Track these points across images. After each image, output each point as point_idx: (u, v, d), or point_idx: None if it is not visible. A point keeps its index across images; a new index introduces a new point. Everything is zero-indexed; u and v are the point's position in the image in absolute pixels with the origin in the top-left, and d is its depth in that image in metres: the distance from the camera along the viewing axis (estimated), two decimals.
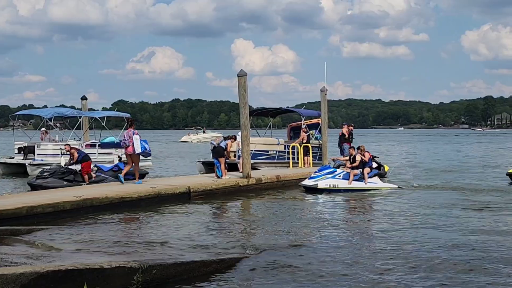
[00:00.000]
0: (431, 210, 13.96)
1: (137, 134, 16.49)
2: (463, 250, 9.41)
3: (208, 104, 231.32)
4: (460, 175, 24.20)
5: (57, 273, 6.41)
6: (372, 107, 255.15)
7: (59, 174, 16.87)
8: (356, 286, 7.49)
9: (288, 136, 26.77)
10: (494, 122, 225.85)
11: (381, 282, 7.64)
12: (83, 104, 30.12)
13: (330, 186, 17.61)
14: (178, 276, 7.58)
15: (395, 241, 10.25)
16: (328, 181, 17.68)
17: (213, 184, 16.90)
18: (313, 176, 17.94)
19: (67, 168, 17.34)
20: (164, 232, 11.06)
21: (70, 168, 17.40)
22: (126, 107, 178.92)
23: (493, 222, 12.24)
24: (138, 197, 14.52)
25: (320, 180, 17.65)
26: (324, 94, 24.06)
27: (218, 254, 8.98)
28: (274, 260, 8.68)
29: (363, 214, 14.02)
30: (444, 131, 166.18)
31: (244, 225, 12.29)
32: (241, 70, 18.32)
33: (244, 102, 18.32)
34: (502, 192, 17.56)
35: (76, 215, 12.56)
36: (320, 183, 17.59)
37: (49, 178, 16.67)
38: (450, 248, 9.60)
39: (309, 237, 10.82)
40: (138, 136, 16.46)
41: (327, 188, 17.54)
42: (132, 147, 16.34)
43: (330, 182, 17.68)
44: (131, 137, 16.32)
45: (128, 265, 7.11)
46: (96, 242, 9.82)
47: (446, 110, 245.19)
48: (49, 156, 24.22)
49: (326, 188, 17.54)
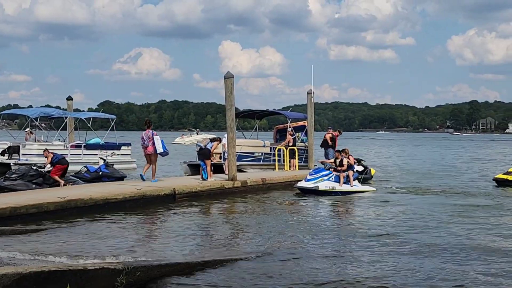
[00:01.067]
0: (408, 213, 14.13)
1: (157, 135, 17.31)
2: (445, 251, 9.51)
3: (194, 106, 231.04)
4: (438, 180, 24.42)
5: (40, 274, 6.38)
6: (358, 110, 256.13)
7: (28, 177, 16.29)
8: None
9: (274, 138, 26.80)
10: (479, 126, 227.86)
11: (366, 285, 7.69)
12: (68, 105, 29.99)
13: (329, 188, 17.66)
14: (162, 277, 7.57)
15: (378, 243, 10.32)
16: (326, 183, 17.72)
17: (198, 186, 16.88)
18: (310, 178, 17.86)
19: (36, 170, 16.84)
20: (148, 234, 11.05)
21: (40, 171, 16.98)
22: (112, 107, 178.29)
23: (473, 224, 12.37)
24: (123, 198, 14.46)
25: (319, 182, 17.64)
26: (310, 96, 24.14)
27: (202, 255, 8.99)
28: (258, 263, 8.70)
29: (345, 218, 14.10)
30: (423, 135, 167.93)
31: (229, 228, 12.31)
32: (227, 72, 18.31)
33: (231, 104, 18.32)
34: (480, 196, 17.94)
35: (60, 216, 12.47)
36: (320, 185, 17.58)
37: (17, 180, 16.05)
38: (430, 250, 9.69)
39: (293, 240, 10.82)
40: (158, 136, 17.28)
41: (327, 190, 17.57)
42: (152, 147, 17.13)
43: (328, 184, 17.72)
44: (151, 137, 17.14)
45: (111, 266, 7.08)
46: (80, 243, 9.79)
47: (431, 114, 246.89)
48: (34, 156, 24.08)
49: (326, 190, 17.55)
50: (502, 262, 8.98)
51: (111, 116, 30.28)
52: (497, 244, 10.44)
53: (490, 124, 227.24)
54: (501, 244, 10.46)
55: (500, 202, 16.46)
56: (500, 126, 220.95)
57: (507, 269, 8.55)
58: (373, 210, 14.88)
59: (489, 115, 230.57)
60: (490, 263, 8.92)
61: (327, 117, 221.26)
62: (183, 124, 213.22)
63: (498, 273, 8.29)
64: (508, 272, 8.39)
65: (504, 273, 8.33)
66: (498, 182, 20.52)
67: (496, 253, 9.58)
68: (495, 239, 10.91)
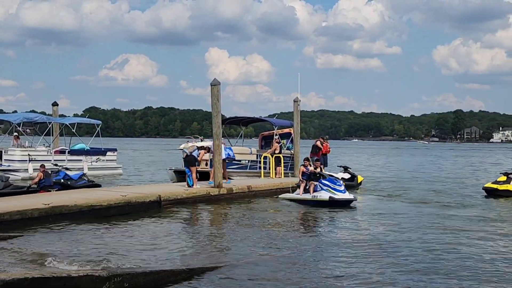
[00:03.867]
0: (392, 222, 14.18)
1: (223, 143, 19.51)
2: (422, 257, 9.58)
3: (181, 113, 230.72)
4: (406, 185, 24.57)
5: (23, 281, 6.33)
6: (344, 119, 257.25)
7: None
8: None
9: (260, 145, 26.82)
10: (464, 135, 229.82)
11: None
12: (54, 110, 29.86)
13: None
14: (147, 285, 7.54)
15: (361, 248, 10.38)
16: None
17: (184, 193, 16.83)
18: (342, 190, 17.31)
19: (15, 187, 16.63)
20: (133, 241, 10.98)
21: (20, 186, 16.84)
22: (97, 113, 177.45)
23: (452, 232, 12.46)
24: (108, 205, 14.37)
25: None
26: (297, 104, 24.19)
27: (187, 263, 8.96)
28: (243, 270, 8.70)
29: (328, 225, 14.12)
30: (388, 143, 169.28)
31: (214, 235, 12.28)
32: (214, 79, 18.31)
33: (217, 111, 18.31)
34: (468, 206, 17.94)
35: (45, 222, 12.37)
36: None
37: None
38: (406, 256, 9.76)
39: (279, 247, 10.82)
40: (223, 144, 19.22)
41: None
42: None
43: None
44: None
45: (96, 273, 7.04)
46: (64, 251, 9.72)
47: (417, 123, 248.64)
48: (16, 162, 23.93)
49: None
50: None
51: (97, 121, 30.18)
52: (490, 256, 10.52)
53: (475, 134, 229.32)
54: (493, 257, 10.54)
55: (488, 211, 16.55)
56: (485, 136, 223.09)
57: None
58: (364, 218, 15.00)
59: (474, 124, 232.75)
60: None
61: (314, 125, 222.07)
62: (169, 131, 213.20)
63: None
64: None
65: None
66: (487, 191, 20.54)
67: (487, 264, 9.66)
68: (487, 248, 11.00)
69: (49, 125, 27.23)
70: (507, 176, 20.42)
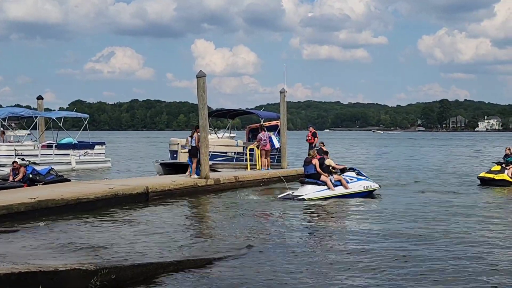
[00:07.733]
0: (392, 212, 14.27)
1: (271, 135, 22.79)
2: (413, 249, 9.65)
3: (167, 105, 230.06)
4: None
5: (10, 276, 6.29)
6: (331, 109, 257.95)
7: None
8: None
9: (247, 137, 26.80)
10: (449, 124, 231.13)
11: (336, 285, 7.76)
12: (39, 104, 29.64)
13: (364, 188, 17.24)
14: (135, 278, 7.52)
15: (351, 242, 10.43)
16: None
17: (171, 185, 16.82)
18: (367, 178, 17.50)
19: None
20: (121, 234, 10.95)
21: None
22: (83, 107, 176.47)
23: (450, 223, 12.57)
24: (95, 198, 14.32)
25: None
26: (283, 96, 24.18)
27: (175, 255, 8.96)
28: (232, 261, 8.71)
29: (317, 217, 14.15)
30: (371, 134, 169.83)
31: (202, 227, 12.30)
32: (200, 71, 18.26)
33: (203, 103, 18.29)
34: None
35: (31, 217, 12.31)
36: None
37: None
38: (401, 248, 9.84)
39: (267, 239, 10.83)
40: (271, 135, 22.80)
41: None
42: (268, 145, 22.41)
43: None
44: (268, 137, 22.39)
45: (83, 267, 7.01)
46: (51, 245, 9.67)
47: (403, 112, 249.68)
48: (2, 157, 23.76)
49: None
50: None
51: (84, 115, 30.02)
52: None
53: (460, 123, 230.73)
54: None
55: (482, 200, 16.70)
56: (470, 125, 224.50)
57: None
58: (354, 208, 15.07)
59: (459, 114, 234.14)
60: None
61: (300, 116, 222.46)
62: (155, 123, 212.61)
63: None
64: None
65: None
66: (483, 181, 20.64)
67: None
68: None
69: (35, 120, 27.04)
70: (500, 166, 20.57)
